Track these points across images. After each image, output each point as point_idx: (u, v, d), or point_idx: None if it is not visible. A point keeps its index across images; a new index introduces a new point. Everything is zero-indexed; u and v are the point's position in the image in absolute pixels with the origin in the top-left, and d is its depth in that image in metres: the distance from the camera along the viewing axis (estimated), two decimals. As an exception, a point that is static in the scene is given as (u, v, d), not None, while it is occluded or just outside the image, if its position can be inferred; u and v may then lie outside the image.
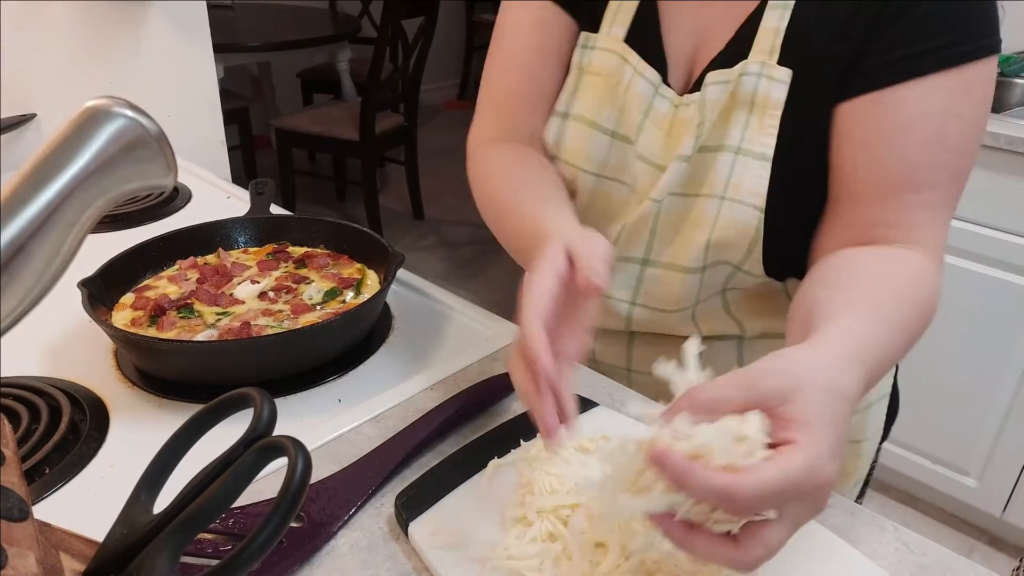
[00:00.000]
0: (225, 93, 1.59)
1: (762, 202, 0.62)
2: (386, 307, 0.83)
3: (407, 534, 0.53)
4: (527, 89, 0.73)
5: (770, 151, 0.62)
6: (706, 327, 0.73)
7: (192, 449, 0.43)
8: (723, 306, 0.72)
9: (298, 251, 0.88)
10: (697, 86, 0.65)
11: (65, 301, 0.68)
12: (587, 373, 0.74)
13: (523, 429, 0.62)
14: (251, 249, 0.88)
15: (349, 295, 0.79)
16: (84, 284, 0.72)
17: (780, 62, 0.61)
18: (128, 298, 0.78)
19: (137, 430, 0.65)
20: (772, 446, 0.39)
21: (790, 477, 0.37)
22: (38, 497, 0.57)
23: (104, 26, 1.29)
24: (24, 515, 0.36)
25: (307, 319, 0.74)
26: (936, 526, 1.93)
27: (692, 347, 0.44)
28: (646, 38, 0.67)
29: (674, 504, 0.39)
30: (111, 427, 0.65)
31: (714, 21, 0.65)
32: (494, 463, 0.58)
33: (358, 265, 0.86)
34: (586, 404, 0.66)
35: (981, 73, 0.57)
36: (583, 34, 0.70)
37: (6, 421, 0.40)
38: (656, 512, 0.40)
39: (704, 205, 0.65)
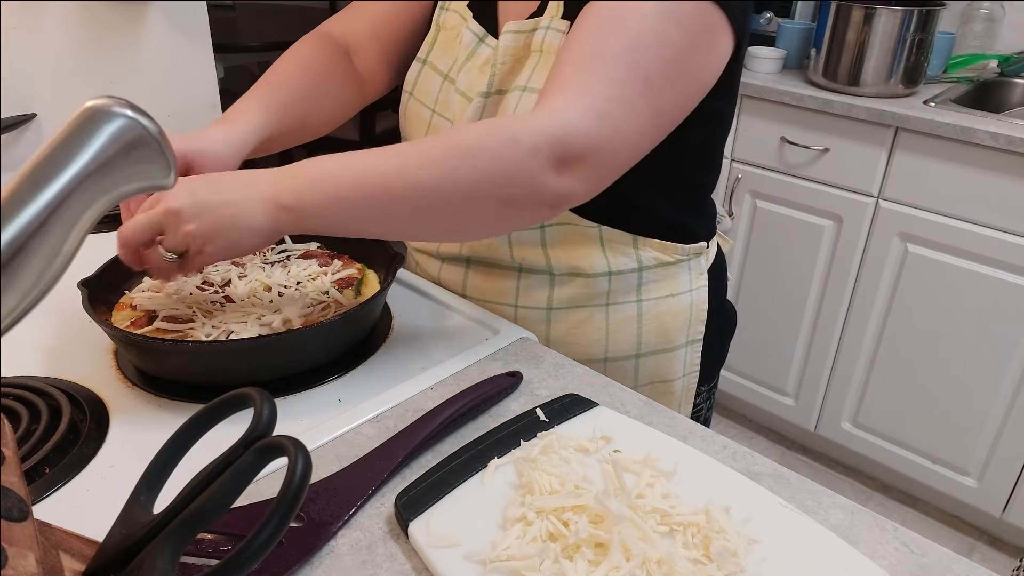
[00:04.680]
0: (225, 93, 1.59)
1: None
2: (386, 307, 0.83)
3: (407, 534, 0.53)
4: (378, 10, 0.92)
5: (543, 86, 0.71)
6: (519, 254, 0.82)
7: (192, 449, 0.43)
8: (540, 240, 0.81)
9: (298, 250, 0.88)
10: None
11: (65, 301, 0.68)
12: (587, 373, 0.74)
13: (523, 429, 0.62)
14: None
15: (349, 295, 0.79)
16: (84, 284, 0.72)
17: (563, 17, 0.74)
18: (128, 298, 0.78)
19: (137, 430, 0.65)
20: None
21: (149, 216, 0.64)
22: (38, 497, 0.57)
23: (104, 26, 1.29)
24: (24, 515, 0.36)
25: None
26: (936, 526, 1.93)
27: None
28: (483, 5, 0.83)
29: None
30: (111, 427, 0.65)
31: None
32: (494, 463, 0.58)
33: (358, 265, 0.86)
34: (586, 404, 0.66)
35: (693, 7, 0.66)
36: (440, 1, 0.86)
37: (6, 421, 0.40)
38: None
39: None
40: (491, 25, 0.81)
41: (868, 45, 1.76)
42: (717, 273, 0.90)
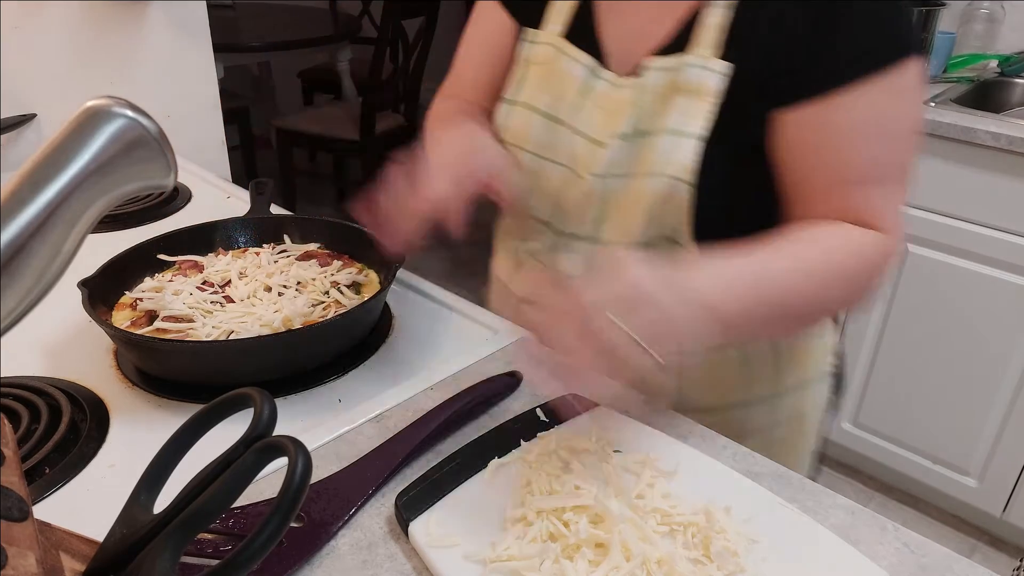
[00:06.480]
0: (225, 93, 1.59)
1: (690, 176, 0.67)
2: (386, 307, 0.83)
3: (407, 534, 0.53)
4: (476, 77, 0.87)
5: (702, 131, 0.66)
6: None
7: (192, 449, 0.43)
8: None
9: (298, 251, 0.88)
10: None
11: (65, 301, 0.68)
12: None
13: (523, 429, 0.62)
14: (251, 249, 0.88)
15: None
16: (84, 284, 0.72)
17: (722, 57, 0.65)
18: (128, 298, 0.78)
19: (137, 430, 0.65)
20: None
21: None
22: (38, 497, 0.57)
23: (104, 26, 1.29)
24: (24, 515, 0.36)
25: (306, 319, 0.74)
26: (936, 526, 1.93)
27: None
28: (582, 32, 0.74)
29: None
30: (111, 427, 0.65)
31: (649, 19, 0.71)
32: (494, 463, 0.58)
33: (358, 265, 0.86)
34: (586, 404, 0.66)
35: (917, 68, 0.62)
36: (525, 30, 0.78)
37: (6, 421, 0.40)
38: None
39: (643, 182, 0.70)
40: (594, 53, 0.73)
41: (868, 45, 1.75)
42: None
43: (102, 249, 0.78)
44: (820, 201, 0.66)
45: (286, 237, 0.89)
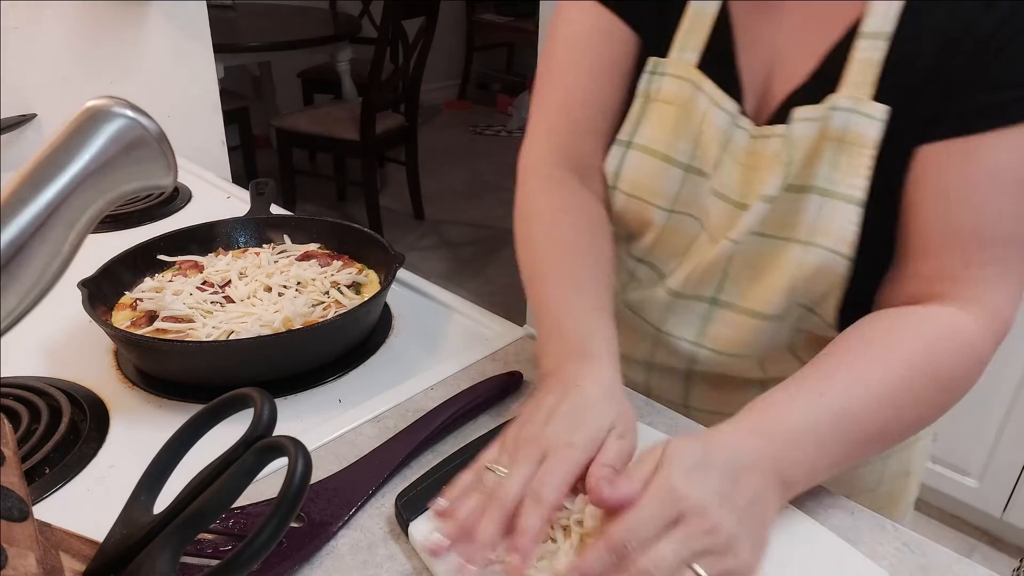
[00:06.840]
0: (225, 93, 1.59)
1: (851, 250, 0.58)
2: (386, 307, 0.83)
3: (407, 534, 0.53)
4: (583, 109, 0.70)
5: (861, 194, 0.57)
6: (772, 370, 0.69)
7: (192, 449, 0.43)
8: (789, 348, 0.68)
9: (298, 251, 0.88)
10: (779, 118, 0.61)
11: (65, 301, 0.68)
12: (587, 373, 0.74)
13: (523, 429, 0.62)
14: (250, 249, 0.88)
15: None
16: (84, 284, 0.72)
17: (875, 98, 0.56)
18: (128, 298, 0.78)
19: (137, 430, 0.65)
20: None
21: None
22: (38, 497, 0.57)
23: (104, 26, 1.29)
24: (24, 515, 0.36)
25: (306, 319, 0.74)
26: (936, 526, 1.93)
27: None
28: (720, 64, 0.63)
29: None
30: (111, 427, 0.65)
31: (790, 46, 0.61)
32: (494, 463, 0.58)
33: (358, 265, 0.86)
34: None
35: None
36: (651, 60, 0.66)
37: (6, 421, 0.40)
38: None
39: (787, 249, 0.61)
40: (734, 92, 0.63)
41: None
42: None
43: (102, 249, 0.78)
44: (934, 256, 0.57)
45: (286, 237, 0.89)
